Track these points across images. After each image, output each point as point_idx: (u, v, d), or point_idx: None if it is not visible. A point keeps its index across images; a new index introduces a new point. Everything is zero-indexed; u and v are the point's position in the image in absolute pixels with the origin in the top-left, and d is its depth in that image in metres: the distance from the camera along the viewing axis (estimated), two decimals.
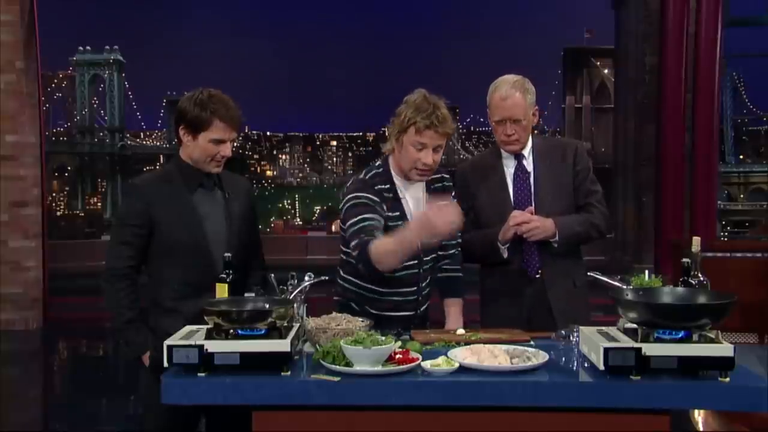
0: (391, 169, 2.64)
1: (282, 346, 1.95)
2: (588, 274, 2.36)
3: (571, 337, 2.20)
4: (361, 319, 2.23)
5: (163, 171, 2.70)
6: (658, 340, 1.91)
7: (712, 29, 7.13)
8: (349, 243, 2.49)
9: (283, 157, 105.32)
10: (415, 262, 2.60)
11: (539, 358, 2.03)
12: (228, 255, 2.38)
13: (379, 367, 1.95)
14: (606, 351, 1.89)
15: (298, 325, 2.14)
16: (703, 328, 1.91)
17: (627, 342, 1.92)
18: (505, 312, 2.74)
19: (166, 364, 1.97)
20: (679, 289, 2.09)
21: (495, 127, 2.79)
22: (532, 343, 2.26)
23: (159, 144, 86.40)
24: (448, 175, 2.78)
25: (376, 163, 2.67)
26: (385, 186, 2.60)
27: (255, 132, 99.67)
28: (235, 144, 2.63)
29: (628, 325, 2.00)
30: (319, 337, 2.14)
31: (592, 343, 1.98)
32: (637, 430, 1.92)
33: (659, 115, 7.44)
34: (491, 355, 2.02)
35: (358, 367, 1.94)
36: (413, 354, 2.06)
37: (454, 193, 2.75)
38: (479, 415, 1.93)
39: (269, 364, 1.94)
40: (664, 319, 1.91)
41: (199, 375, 1.95)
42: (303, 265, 2.55)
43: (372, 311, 2.60)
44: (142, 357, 2.51)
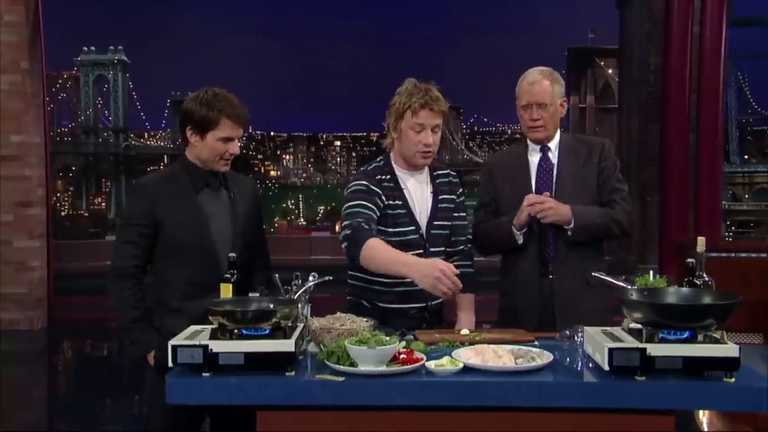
0: (392, 161, 2.70)
1: (286, 346, 1.95)
2: (592, 274, 2.35)
3: (576, 338, 2.19)
4: (365, 320, 2.23)
5: (168, 171, 2.70)
6: (663, 341, 1.90)
7: (716, 29, 7.11)
8: (342, 221, 2.54)
9: (287, 157, 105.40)
10: (421, 252, 2.62)
11: (544, 358, 2.02)
12: (232, 255, 2.38)
13: (383, 367, 1.95)
14: (611, 351, 1.89)
15: (303, 325, 2.14)
16: (708, 329, 1.90)
17: (632, 342, 1.92)
18: (520, 307, 2.74)
19: (170, 364, 1.98)
20: (684, 289, 2.08)
21: (521, 114, 2.79)
22: (536, 343, 2.25)
23: (163, 144, 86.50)
24: (455, 173, 2.82)
25: (377, 158, 2.74)
26: (386, 176, 2.65)
27: (259, 132, 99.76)
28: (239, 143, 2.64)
29: (633, 325, 2.00)
30: (324, 337, 2.14)
31: (597, 343, 1.97)
32: (642, 430, 1.91)
33: (663, 115, 7.43)
34: (495, 355, 2.02)
35: (363, 367, 1.94)
36: (417, 354, 2.06)
37: (461, 190, 2.79)
38: (484, 416, 1.93)
39: (274, 364, 1.94)
40: (669, 320, 1.90)
41: (203, 375, 1.95)
42: (307, 265, 2.56)
43: (381, 305, 2.63)
44: (146, 356, 2.52)
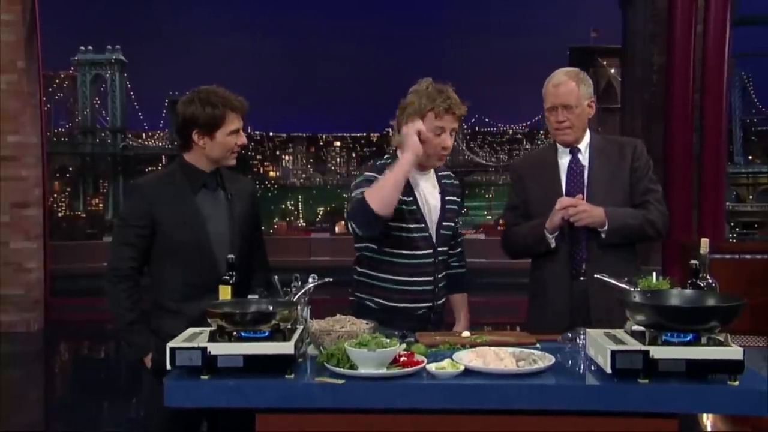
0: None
1: (286, 348, 1.93)
2: (595, 276, 2.32)
3: (578, 340, 2.18)
4: (365, 322, 2.21)
5: (165, 172, 2.69)
6: (666, 343, 1.89)
7: (720, 28, 7.07)
8: (348, 208, 2.51)
9: (287, 157, 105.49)
10: (431, 251, 2.62)
11: (545, 360, 2.01)
12: (231, 257, 2.37)
13: (383, 370, 1.93)
14: (613, 354, 1.87)
15: (302, 327, 2.13)
16: (712, 331, 1.89)
17: (634, 345, 1.90)
18: (553, 307, 2.70)
19: (168, 367, 1.96)
20: (688, 291, 2.07)
21: (547, 116, 2.75)
22: (538, 345, 2.24)
23: (161, 144, 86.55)
24: (454, 175, 2.81)
25: (384, 156, 2.71)
26: None
27: (258, 132, 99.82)
28: None
29: (636, 327, 1.98)
30: (323, 339, 2.12)
31: (599, 345, 1.96)
32: None
33: (667, 115, 7.38)
34: (497, 357, 2.01)
35: (363, 370, 1.92)
36: (418, 357, 2.04)
37: (462, 193, 2.81)
38: (485, 419, 1.91)
39: (273, 367, 1.93)
40: (672, 322, 1.89)
41: (202, 377, 1.93)
42: (306, 267, 2.55)
43: (390, 304, 2.61)
44: (144, 359, 2.50)
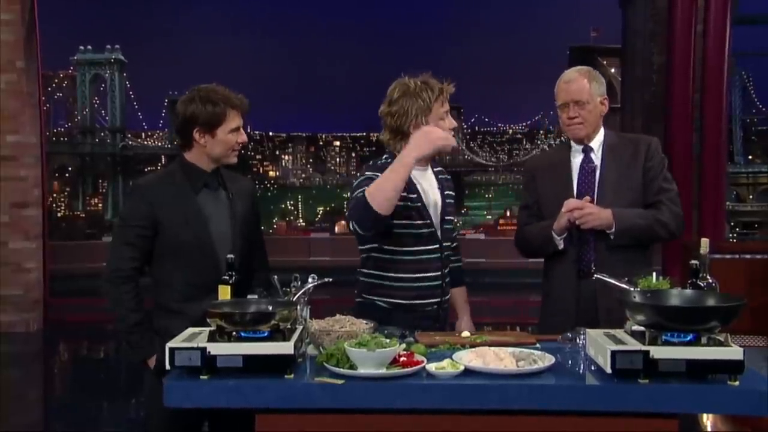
0: None
1: (285, 348, 1.93)
2: (595, 276, 2.32)
3: (578, 340, 2.17)
4: (365, 322, 2.21)
5: (166, 172, 2.68)
6: (666, 343, 1.88)
7: (720, 27, 7.05)
8: (348, 206, 2.51)
9: (286, 157, 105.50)
10: (437, 247, 2.64)
11: (545, 360, 2.00)
12: (231, 257, 2.36)
13: (383, 370, 1.93)
14: (613, 354, 1.87)
15: (302, 327, 2.13)
16: (712, 331, 1.89)
17: (634, 345, 1.90)
18: (561, 307, 2.70)
19: (168, 367, 1.95)
20: (688, 291, 2.07)
21: (560, 114, 2.76)
22: (538, 345, 2.24)
23: (161, 144, 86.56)
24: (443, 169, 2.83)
25: (383, 156, 2.71)
26: None
27: (257, 132, 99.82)
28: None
29: (636, 327, 1.98)
30: (323, 339, 2.12)
31: (599, 345, 1.95)
32: None
33: (666, 115, 7.36)
34: (497, 357, 2.01)
35: (362, 370, 1.92)
36: (418, 357, 2.04)
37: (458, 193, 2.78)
38: (484, 419, 1.91)
39: (272, 367, 1.92)
40: (673, 322, 1.88)
41: (201, 378, 1.93)
42: (306, 267, 2.55)
43: (400, 302, 2.62)
44: (147, 361, 2.50)
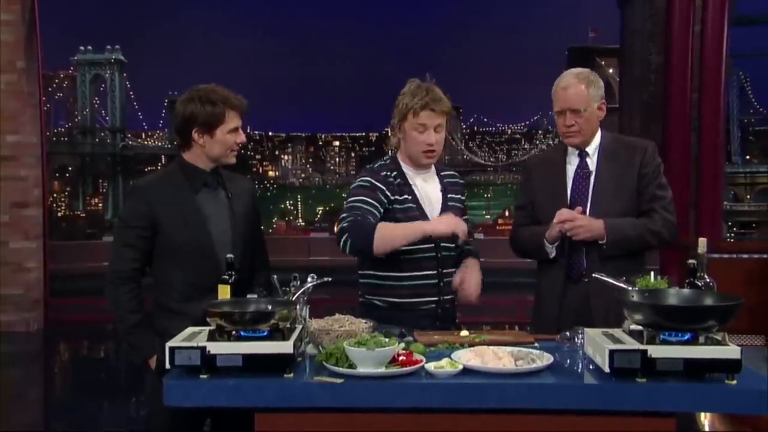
0: (399, 160, 2.70)
1: (285, 347, 1.93)
2: (593, 275, 2.33)
3: (576, 339, 2.18)
4: (364, 321, 2.22)
5: (165, 172, 2.69)
6: (664, 342, 1.89)
7: (718, 28, 7.06)
8: (341, 215, 2.55)
9: (286, 157, 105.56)
10: (432, 246, 2.62)
11: (544, 360, 2.01)
12: (230, 256, 2.37)
13: (382, 369, 1.93)
14: (611, 353, 1.87)
15: (301, 326, 2.13)
16: (710, 330, 1.89)
17: (632, 344, 1.91)
18: (551, 313, 2.69)
19: (168, 366, 1.96)
20: (685, 290, 2.07)
21: (556, 119, 2.74)
22: (536, 344, 2.24)
23: (161, 144, 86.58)
24: (458, 175, 2.83)
25: (384, 158, 2.75)
26: (392, 173, 2.65)
27: (257, 132, 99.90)
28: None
29: (634, 326, 1.98)
30: (322, 338, 2.12)
31: (597, 345, 1.96)
32: None
33: (664, 115, 7.38)
34: (495, 357, 2.01)
35: (362, 369, 1.93)
36: (417, 356, 2.05)
37: (465, 193, 2.80)
38: (483, 418, 1.92)
39: (272, 366, 1.93)
40: (670, 321, 1.89)
41: (201, 377, 1.93)
42: (305, 266, 2.55)
43: (396, 300, 2.62)
44: (148, 361, 2.50)
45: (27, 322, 7.76)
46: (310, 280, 2.29)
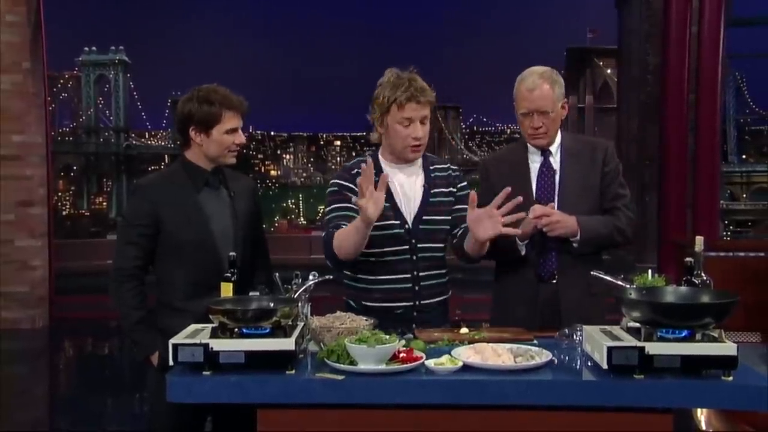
0: (379, 155, 2.63)
1: (287, 344, 1.95)
2: (591, 273, 2.34)
3: (575, 336, 2.20)
4: (365, 318, 2.24)
5: (167, 171, 2.71)
6: (662, 339, 1.91)
7: (714, 29, 7.08)
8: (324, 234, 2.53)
9: (287, 156, 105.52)
10: (407, 248, 2.55)
11: (543, 356, 2.03)
12: (233, 254, 2.39)
13: (383, 366, 1.95)
14: (609, 350, 1.89)
15: (303, 324, 2.15)
16: (707, 328, 1.91)
17: (630, 341, 1.93)
18: (518, 313, 2.66)
19: (171, 363, 1.98)
20: (682, 288, 2.09)
21: (521, 120, 2.68)
22: (535, 342, 2.26)
23: (164, 144, 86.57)
24: (456, 167, 2.72)
25: (368, 152, 2.68)
26: None
27: (259, 132, 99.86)
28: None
29: (632, 324, 2.00)
30: (324, 335, 2.14)
31: (596, 341, 1.98)
32: (640, 429, 1.92)
33: (662, 115, 7.40)
34: (495, 353, 2.03)
35: (363, 366, 1.95)
36: (417, 353, 2.06)
37: (464, 183, 2.69)
38: (483, 414, 1.93)
39: (274, 363, 1.95)
40: (668, 318, 1.91)
41: (204, 374, 1.95)
42: (307, 265, 2.55)
43: (368, 304, 2.56)
44: (150, 357, 2.53)
45: (32, 319, 7.79)
46: (311, 278, 2.30)
